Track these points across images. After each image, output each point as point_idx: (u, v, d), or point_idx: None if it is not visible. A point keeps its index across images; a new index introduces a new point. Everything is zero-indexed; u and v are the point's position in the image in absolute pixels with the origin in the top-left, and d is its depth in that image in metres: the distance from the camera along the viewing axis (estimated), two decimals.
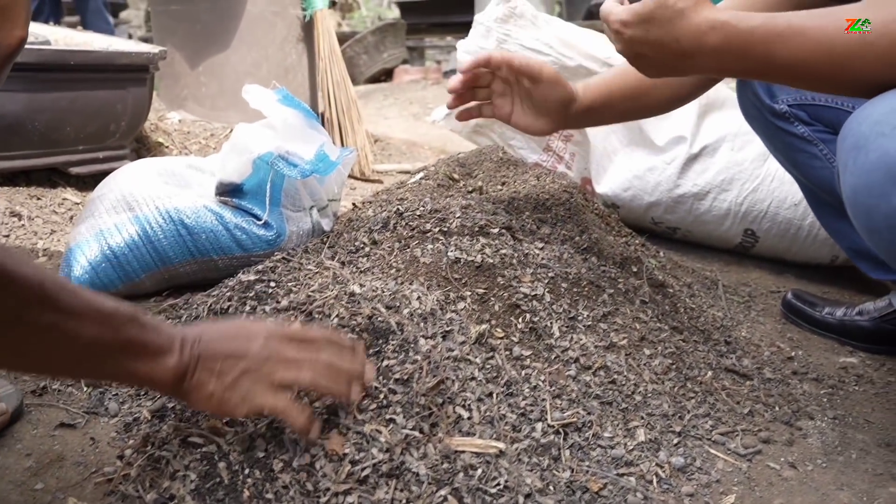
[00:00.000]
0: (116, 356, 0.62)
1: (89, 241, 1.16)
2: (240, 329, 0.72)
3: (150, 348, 0.63)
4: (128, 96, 1.58)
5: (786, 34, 0.76)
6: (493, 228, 1.13)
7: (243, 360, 0.68)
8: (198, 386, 0.66)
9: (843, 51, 0.74)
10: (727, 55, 0.80)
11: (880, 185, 0.71)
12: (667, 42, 0.81)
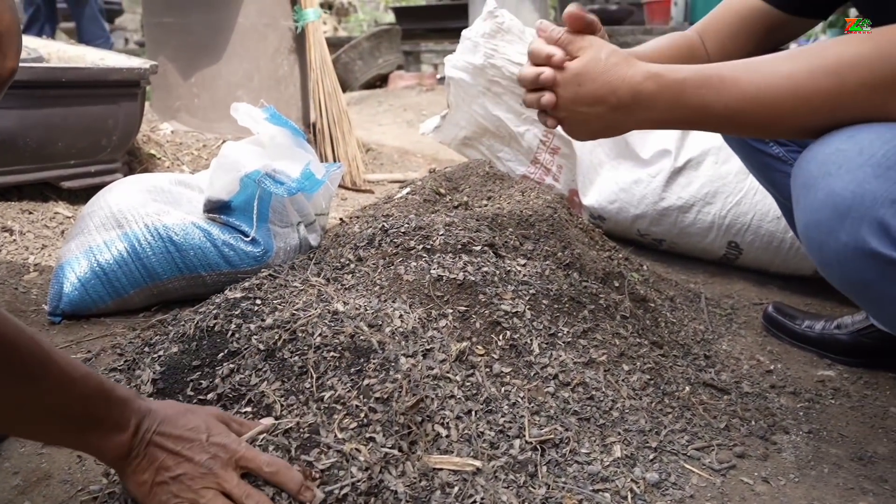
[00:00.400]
0: (74, 425, 0.63)
1: (79, 258, 1.18)
2: (198, 429, 0.70)
3: (107, 423, 0.65)
4: (119, 111, 1.60)
5: (718, 84, 0.79)
6: (475, 246, 1.15)
7: (184, 464, 0.68)
8: (136, 470, 0.67)
9: (774, 100, 0.77)
10: (662, 104, 0.82)
11: (828, 222, 0.73)
12: (603, 94, 0.83)
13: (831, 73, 0.76)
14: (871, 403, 1.18)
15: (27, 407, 0.59)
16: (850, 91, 0.75)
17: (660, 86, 0.82)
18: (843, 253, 0.75)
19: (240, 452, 0.71)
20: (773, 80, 0.78)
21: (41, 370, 0.58)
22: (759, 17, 1.12)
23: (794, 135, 0.84)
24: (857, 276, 0.76)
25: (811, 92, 0.77)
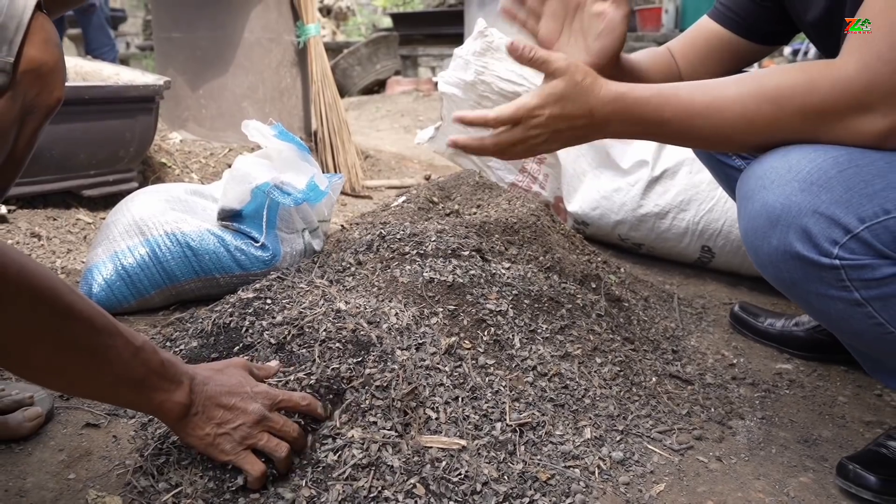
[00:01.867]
0: (139, 384, 0.74)
1: (105, 262, 1.30)
2: (240, 384, 0.85)
3: (167, 383, 0.76)
4: (136, 125, 1.72)
5: (675, 104, 0.91)
6: (464, 251, 1.27)
7: (240, 416, 0.82)
8: (197, 426, 0.79)
9: (722, 121, 0.89)
10: (629, 120, 0.94)
11: (762, 229, 0.86)
12: (582, 114, 0.94)
13: (771, 100, 0.88)
14: (822, 393, 1.31)
15: (104, 373, 0.71)
16: (786, 117, 0.88)
17: (627, 105, 0.94)
18: (775, 255, 0.87)
19: (280, 396, 0.87)
20: (722, 103, 0.91)
21: (111, 340, 0.71)
22: (727, 45, 1.25)
23: (741, 150, 0.97)
24: (787, 276, 0.89)
25: (754, 115, 0.89)
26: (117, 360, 0.72)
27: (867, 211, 0.81)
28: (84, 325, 0.68)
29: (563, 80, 0.94)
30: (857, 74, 0.82)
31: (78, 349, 0.69)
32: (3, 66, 0.86)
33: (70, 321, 0.67)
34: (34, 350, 0.67)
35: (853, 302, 0.86)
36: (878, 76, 0.81)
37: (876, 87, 0.81)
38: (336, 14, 10.70)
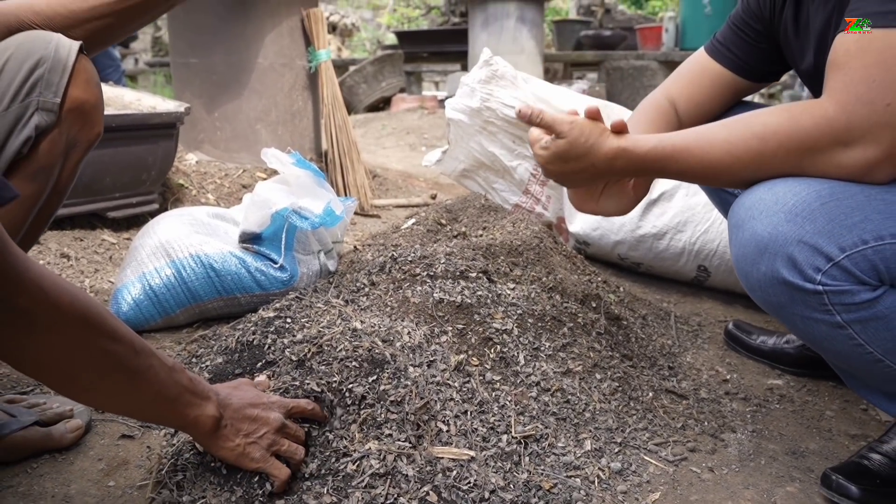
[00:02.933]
0: (174, 401, 0.82)
1: (134, 283, 1.38)
2: (257, 397, 0.93)
3: (199, 398, 0.84)
4: (158, 150, 1.81)
5: (672, 154, 1.00)
6: (471, 273, 1.35)
7: (264, 425, 0.90)
8: (227, 436, 0.87)
9: (716, 162, 0.98)
10: (631, 171, 1.05)
11: (752, 256, 0.94)
12: (585, 168, 1.04)
13: (758, 138, 0.96)
14: (811, 407, 1.38)
15: (143, 392, 0.78)
16: (772, 153, 0.96)
17: (628, 159, 1.03)
18: (763, 280, 0.95)
19: (290, 404, 0.96)
20: (714, 145, 0.99)
21: (149, 360, 0.78)
22: (724, 81, 1.33)
23: (732, 185, 1.05)
24: (774, 299, 0.96)
25: (742, 153, 0.97)
26: (155, 379, 0.79)
27: (847, 241, 0.89)
28: (126, 348, 0.76)
29: (567, 142, 1.03)
30: (836, 114, 0.90)
31: (121, 370, 0.76)
32: (51, 106, 0.95)
33: (114, 344, 0.75)
34: (82, 371, 0.74)
35: (835, 324, 0.93)
36: (857, 116, 0.89)
37: (855, 125, 0.89)
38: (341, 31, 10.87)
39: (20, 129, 0.92)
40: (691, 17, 6.03)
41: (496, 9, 5.17)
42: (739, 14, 1.31)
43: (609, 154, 1.03)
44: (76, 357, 0.72)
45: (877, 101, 0.88)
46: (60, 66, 0.94)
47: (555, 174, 1.10)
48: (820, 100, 0.93)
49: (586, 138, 1.03)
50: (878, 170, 0.90)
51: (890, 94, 0.87)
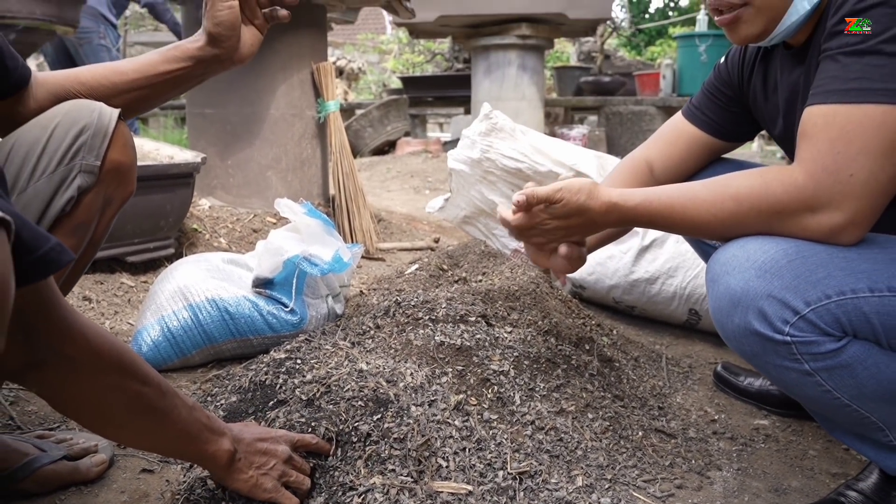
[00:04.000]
0: (195, 438, 0.89)
1: (153, 325, 1.47)
2: (265, 432, 1.01)
3: (215, 434, 0.92)
4: (176, 198, 1.92)
5: (658, 208, 1.09)
6: (471, 317, 1.44)
7: (273, 458, 0.98)
8: (240, 471, 0.95)
9: (697, 218, 1.07)
10: (623, 223, 1.14)
11: (726, 309, 1.02)
12: (581, 223, 1.13)
13: (734, 199, 1.05)
14: (795, 447, 1.44)
15: (168, 430, 0.86)
16: (745, 214, 1.05)
17: (619, 214, 1.12)
18: (737, 331, 1.04)
19: (296, 437, 1.04)
20: (696, 203, 1.08)
21: (174, 401, 0.86)
22: (700, 142, 1.44)
23: (711, 239, 1.14)
24: (748, 349, 1.04)
25: (719, 211, 1.06)
26: (178, 418, 0.88)
27: (812, 296, 0.97)
28: (154, 390, 0.84)
29: (562, 205, 1.12)
30: (805, 182, 0.99)
31: (149, 411, 0.84)
32: (93, 168, 1.05)
33: (144, 388, 0.83)
34: (116, 412, 0.82)
35: (804, 372, 1.01)
36: (823, 185, 0.98)
37: (821, 193, 0.98)
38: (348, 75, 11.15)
39: (64, 190, 1.02)
40: (688, 64, 6.22)
41: (498, 57, 5.35)
42: (712, 81, 1.43)
43: (602, 208, 1.12)
44: (111, 399, 0.81)
45: (841, 171, 0.96)
46: (102, 132, 1.05)
47: (562, 230, 1.17)
48: (791, 167, 1.03)
49: (577, 196, 1.11)
50: (842, 234, 0.99)
51: (853, 165, 0.96)
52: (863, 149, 0.96)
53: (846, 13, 1.00)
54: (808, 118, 1.02)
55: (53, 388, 0.76)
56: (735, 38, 1.17)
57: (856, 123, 0.96)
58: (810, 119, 1.02)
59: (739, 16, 1.12)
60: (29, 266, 0.62)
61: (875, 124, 0.95)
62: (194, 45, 1.09)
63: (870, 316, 0.97)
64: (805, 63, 1.15)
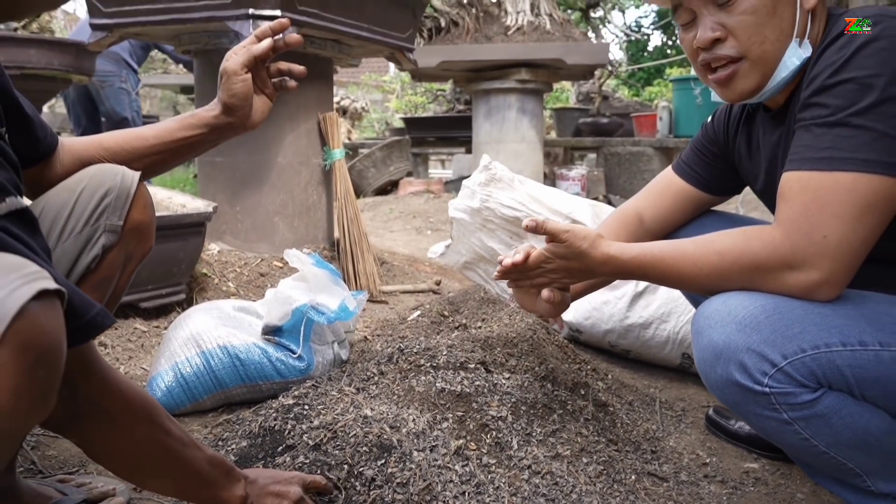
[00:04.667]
0: (212, 485, 0.96)
1: (167, 371, 1.54)
2: (276, 474, 1.08)
3: (230, 481, 0.99)
4: (188, 245, 2.00)
5: (651, 262, 1.17)
6: (470, 364, 1.50)
7: (285, 500, 1.04)
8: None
9: (685, 272, 1.15)
10: (617, 274, 1.22)
11: (710, 360, 1.09)
12: (580, 268, 1.21)
13: (718, 254, 1.13)
14: (783, 490, 1.50)
15: (188, 478, 0.93)
16: (728, 268, 1.12)
17: (614, 266, 1.20)
18: (720, 382, 1.10)
19: (307, 479, 1.10)
20: (685, 258, 1.15)
21: (194, 451, 0.93)
22: (690, 197, 1.52)
23: (699, 292, 1.22)
24: (730, 398, 1.11)
25: (705, 266, 1.14)
26: (198, 467, 0.94)
27: (788, 349, 1.04)
28: (177, 442, 0.91)
29: (565, 246, 1.20)
30: (783, 242, 1.07)
31: (173, 460, 0.91)
32: (116, 228, 1.14)
33: (169, 439, 0.90)
34: (144, 460, 0.89)
35: (783, 421, 1.07)
36: (799, 245, 1.05)
37: (798, 253, 1.05)
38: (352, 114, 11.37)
39: (90, 248, 1.10)
40: (683, 106, 6.37)
41: (498, 100, 5.50)
42: (700, 139, 1.52)
43: (600, 259, 1.20)
44: (141, 449, 0.88)
45: (815, 233, 1.04)
46: (125, 194, 1.13)
47: (562, 272, 1.25)
48: (771, 227, 1.11)
49: (581, 242, 1.19)
50: (818, 292, 1.06)
51: (826, 227, 1.03)
52: (835, 213, 1.03)
53: (817, 88, 1.09)
54: (786, 182, 1.10)
55: (90, 438, 0.83)
56: (730, 95, 1.24)
57: (828, 189, 1.04)
58: (787, 183, 1.10)
59: (736, 71, 1.19)
60: (77, 330, 0.69)
61: (845, 190, 1.03)
62: (210, 113, 1.18)
63: (842, 368, 1.04)
64: (784, 125, 1.24)
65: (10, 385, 0.59)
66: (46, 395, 0.63)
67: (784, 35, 1.15)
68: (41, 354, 0.61)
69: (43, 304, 0.61)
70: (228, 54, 1.16)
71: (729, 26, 1.16)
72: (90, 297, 1.12)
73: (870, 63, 1.04)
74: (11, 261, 0.62)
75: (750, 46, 1.15)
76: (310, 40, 2.60)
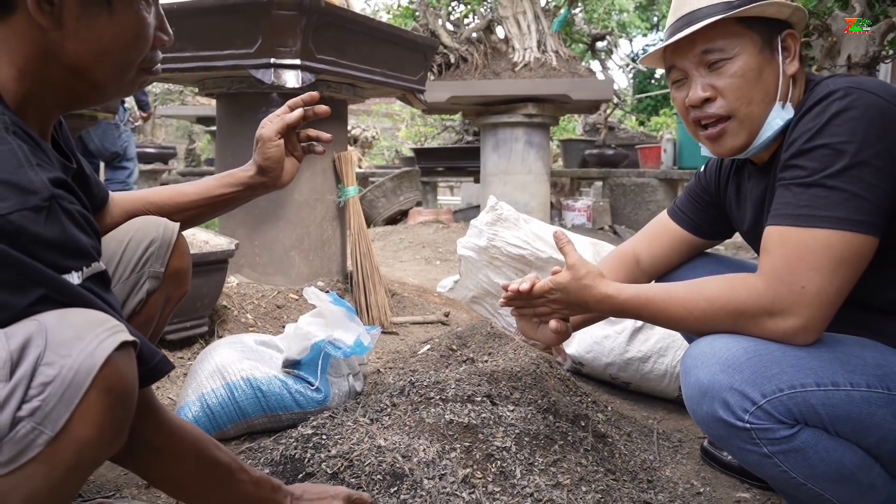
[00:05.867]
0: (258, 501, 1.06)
1: (194, 402, 1.65)
2: (324, 490, 1.18)
3: (277, 496, 1.09)
4: (211, 281, 2.12)
5: (645, 304, 1.28)
6: (477, 397, 1.61)
7: None
8: None
9: (675, 314, 1.25)
10: (612, 312, 1.33)
11: (696, 398, 1.19)
12: (579, 302, 1.32)
13: (706, 299, 1.23)
14: None
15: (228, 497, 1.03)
16: (715, 312, 1.23)
17: (611, 304, 1.31)
18: (706, 417, 1.20)
19: (354, 495, 1.20)
20: (676, 301, 1.26)
21: (242, 476, 1.03)
22: (684, 241, 1.64)
23: (688, 333, 1.32)
24: (715, 433, 1.21)
25: (694, 309, 1.24)
26: (246, 492, 1.05)
27: (767, 389, 1.14)
28: (225, 469, 1.02)
29: (568, 276, 1.31)
30: (765, 290, 1.17)
31: (219, 486, 1.02)
32: (158, 274, 1.26)
33: (216, 468, 1.01)
34: (191, 487, 1.00)
35: (763, 455, 1.17)
36: (779, 294, 1.16)
37: (778, 301, 1.16)
38: (362, 143, 11.60)
39: (136, 293, 1.22)
40: (687, 138, 6.51)
41: (506, 133, 5.65)
42: (693, 186, 1.64)
43: (598, 297, 1.31)
44: (188, 479, 0.99)
45: (794, 283, 1.14)
46: (166, 244, 1.26)
47: (563, 303, 1.36)
48: (755, 275, 1.21)
49: (584, 278, 1.30)
50: (796, 337, 1.16)
51: (804, 279, 1.14)
52: (812, 265, 1.14)
53: (796, 151, 1.20)
54: (768, 236, 1.21)
55: (144, 468, 0.94)
56: (720, 151, 1.36)
57: (806, 244, 1.15)
58: (769, 237, 1.21)
59: (725, 129, 1.31)
60: (144, 374, 0.81)
61: (821, 246, 1.14)
62: (246, 174, 1.31)
63: (817, 407, 1.14)
64: (768, 178, 1.35)
65: (97, 421, 0.71)
66: (122, 431, 0.74)
67: (769, 97, 1.27)
68: (121, 396, 0.73)
69: (123, 354, 0.73)
70: (264, 122, 1.29)
71: (719, 87, 1.28)
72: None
73: (842, 131, 1.15)
74: (97, 316, 0.75)
75: (738, 107, 1.27)
76: (326, 84, 2.75)
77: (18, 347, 0.69)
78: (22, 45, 0.84)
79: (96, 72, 0.90)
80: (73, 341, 0.71)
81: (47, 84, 0.88)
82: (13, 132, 0.78)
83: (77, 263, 0.78)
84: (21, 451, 0.68)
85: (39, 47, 0.84)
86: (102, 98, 0.96)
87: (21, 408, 0.68)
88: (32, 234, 0.73)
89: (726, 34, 1.25)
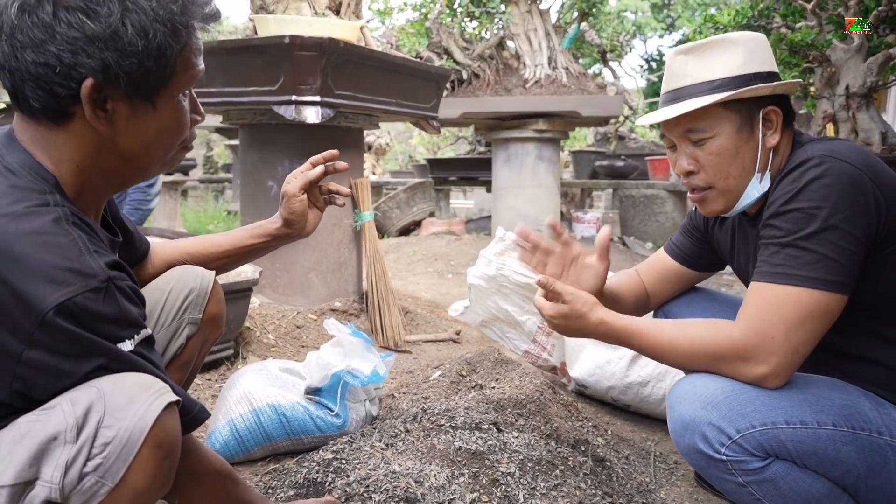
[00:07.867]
0: None
1: (224, 427, 1.80)
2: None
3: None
4: (237, 307, 2.27)
5: (637, 335, 1.39)
6: (484, 425, 1.74)
7: None
8: None
9: (663, 350, 1.37)
10: (607, 338, 1.43)
11: (679, 431, 1.32)
12: (577, 328, 1.43)
13: (689, 339, 1.36)
14: None
15: None
16: (695, 354, 1.36)
17: (606, 331, 1.42)
18: (687, 449, 1.33)
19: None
20: (661, 336, 1.39)
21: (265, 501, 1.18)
22: (677, 272, 1.77)
23: (672, 366, 1.45)
24: (696, 463, 1.34)
25: (677, 347, 1.37)
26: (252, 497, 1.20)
27: (741, 425, 1.27)
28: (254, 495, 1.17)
29: (568, 306, 1.43)
30: (740, 338, 1.29)
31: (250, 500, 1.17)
32: (196, 320, 1.41)
33: (247, 493, 1.16)
34: None
35: (739, 484, 1.30)
36: (752, 342, 1.28)
37: (751, 349, 1.28)
38: (376, 150, 11.76)
39: (177, 339, 1.36)
40: None
41: (517, 148, 5.78)
42: (687, 224, 1.77)
43: (595, 322, 1.43)
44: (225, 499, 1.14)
45: (766, 334, 1.27)
46: (204, 292, 1.40)
47: (557, 328, 1.48)
48: (733, 323, 1.33)
49: (581, 306, 1.41)
50: (766, 381, 1.29)
51: (774, 330, 1.26)
52: (782, 318, 1.26)
53: (773, 213, 1.33)
54: (749, 290, 1.34)
55: (189, 498, 1.09)
56: (705, 213, 1.51)
57: (778, 299, 1.28)
58: (749, 290, 1.34)
59: (706, 196, 1.45)
60: (185, 424, 0.96)
61: (792, 301, 1.27)
62: (273, 226, 1.45)
63: (786, 443, 1.26)
64: (756, 228, 1.48)
65: (149, 472, 0.85)
66: (169, 479, 0.89)
67: (746, 172, 1.40)
68: (168, 450, 0.87)
69: (169, 413, 0.87)
70: (288, 178, 1.43)
71: (700, 161, 1.41)
72: (174, 377, 1.39)
73: (815, 196, 1.27)
74: (146, 380, 0.89)
75: (717, 180, 1.41)
76: (344, 116, 2.90)
77: (83, 413, 0.83)
78: (80, 145, 0.96)
79: (144, 158, 1.03)
80: (127, 405, 0.85)
81: (101, 173, 1.00)
82: (73, 223, 0.91)
83: (130, 333, 0.91)
84: (86, 501, 0.83)
85: (94, 145, 0.96)
86: (147, 177, 1.10)
87: (86, 464, 0.83)
88: (93, 312, 0.85)
89: (707, 115, 1.38)
